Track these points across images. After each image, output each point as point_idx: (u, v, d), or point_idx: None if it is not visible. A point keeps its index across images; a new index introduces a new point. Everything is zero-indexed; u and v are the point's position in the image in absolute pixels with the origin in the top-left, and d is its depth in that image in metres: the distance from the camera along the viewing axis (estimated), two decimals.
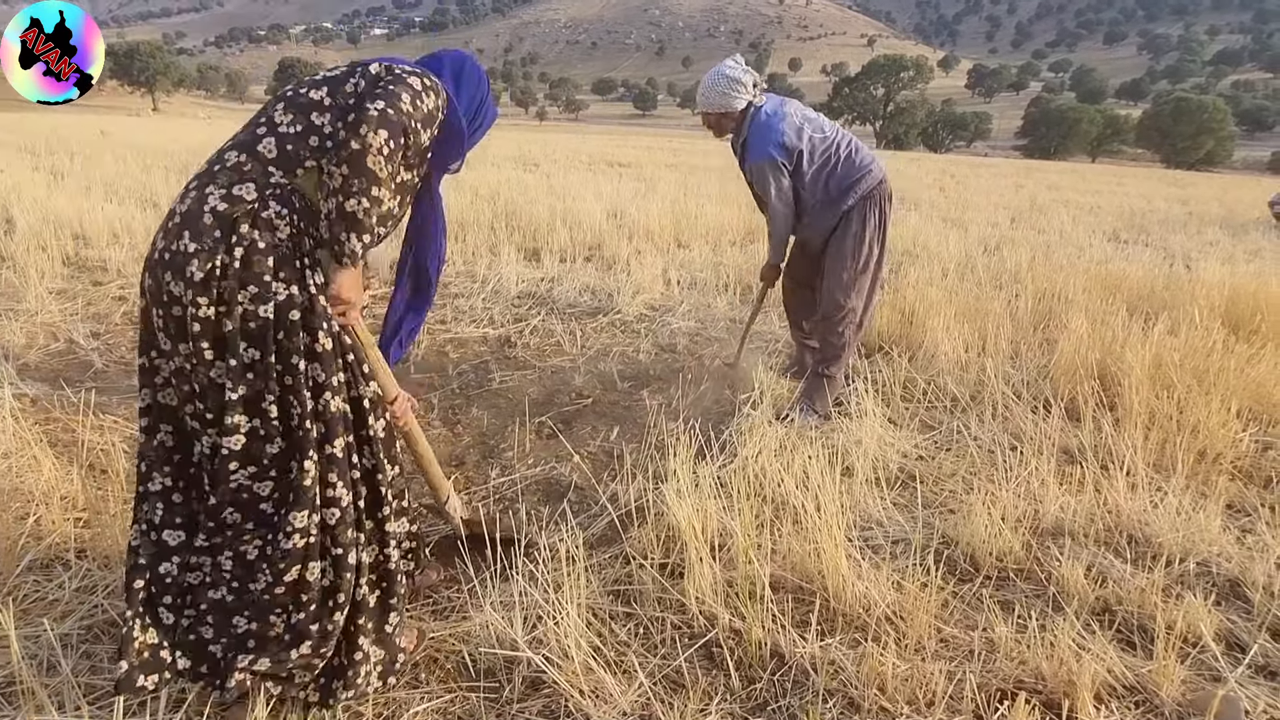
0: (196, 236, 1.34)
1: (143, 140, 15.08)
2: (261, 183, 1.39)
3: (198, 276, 1.32)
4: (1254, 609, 1.97)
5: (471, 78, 1.64)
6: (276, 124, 1.43)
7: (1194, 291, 4.63)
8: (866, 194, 3.07)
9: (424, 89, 1.45)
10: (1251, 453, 2.90)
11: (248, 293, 1.35)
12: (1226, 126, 63.36)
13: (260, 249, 1.36)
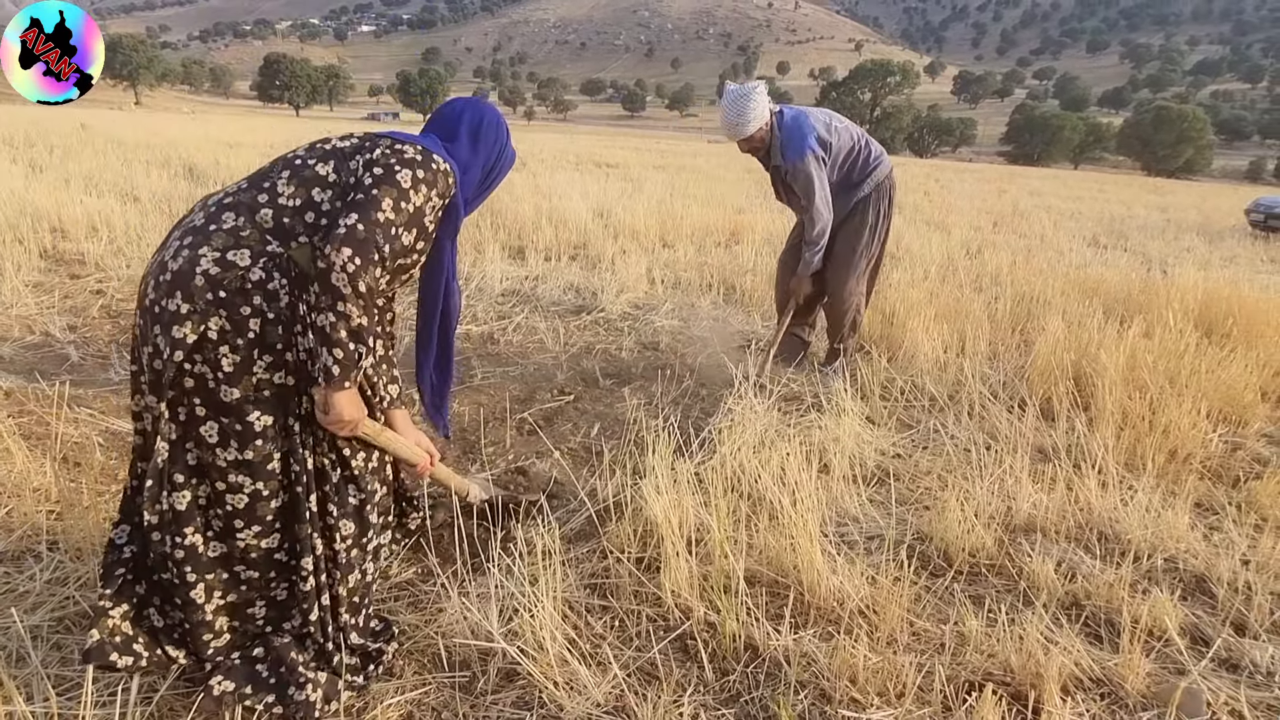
0: (189, 298, 1.34)
1: (124, 134, 14.90)
2: (257, 250, 1.38)
3: (190, 339, 1.33)
4: (1218, 604, 2.01)
5: (489, 134, 1.65)
6: (278, 194, 1.43)
7: (1169, 296, 4.70)
8: (879, 184, 3.32)
9: (414, 184, 1.44)
10: (1221, 453, 2.95)
11: (264, 360, 1.38)
12: (1205, 135, 64.40)
13: (270, 318, 1.38)
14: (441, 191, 1.51)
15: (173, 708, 1.47)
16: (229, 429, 1.38)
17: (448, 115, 1.66)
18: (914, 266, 6.12)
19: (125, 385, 3.05)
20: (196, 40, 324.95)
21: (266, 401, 1.40)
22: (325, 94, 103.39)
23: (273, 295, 1.37)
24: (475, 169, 1.62)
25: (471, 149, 1.62)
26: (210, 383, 1.36)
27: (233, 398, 1.37)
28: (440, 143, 1.59)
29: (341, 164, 1.47)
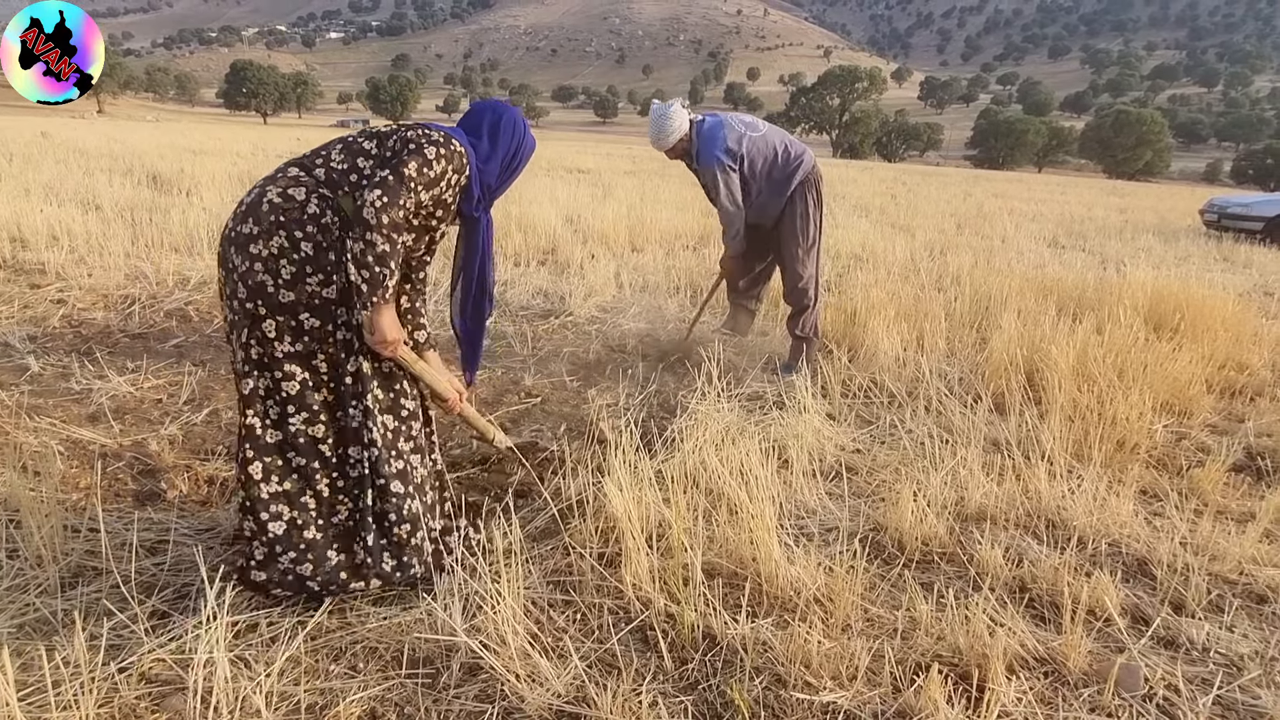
0: (257, 222, 1.69)
1: (86, 142, 14.64)
2: (311, 189, 1.73)
3: (263, 253, 1.68)
4: (1158, 584, 2.10)
5: (505, 130, 1.92)
6: (331, 159, 1.77)
7: (1121, 293, 4.85)
8: (803, 179, 3.66)
9: (437, 157, 1.75)
10: (1166, 442, 3.07)
11: (315, 278, 1.70)
12: (1164, 138, 66.09)
13: (323, 245, 1.70)
14: (457, 168, 1.80)
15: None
16: (284, 325, 1.70)
17: (472, 115, 1.96)
18: (878, 267, 6.24)
19: (85, 395, 3.02)
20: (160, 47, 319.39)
21: (315, 308, 1.72)
22: (293, 101, 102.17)
23: (325, 227, 1.71)
24: (495, 160, 1.91)
25: (491, 144, 1.91)
26: (270, 288, 1.69)
27: (288, 299, 1.70)
28: (466, 136, 1.89)
29: (382, 142, 1.80)
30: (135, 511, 2.18)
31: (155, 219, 6.36)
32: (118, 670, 1.56)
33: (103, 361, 3.37)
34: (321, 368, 1.75)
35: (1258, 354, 4.37)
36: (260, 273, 1.68)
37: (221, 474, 2.47)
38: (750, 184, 3.59)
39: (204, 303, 4.42)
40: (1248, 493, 2.76)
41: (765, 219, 3.74)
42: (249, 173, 10.50)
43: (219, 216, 6.49)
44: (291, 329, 1.71)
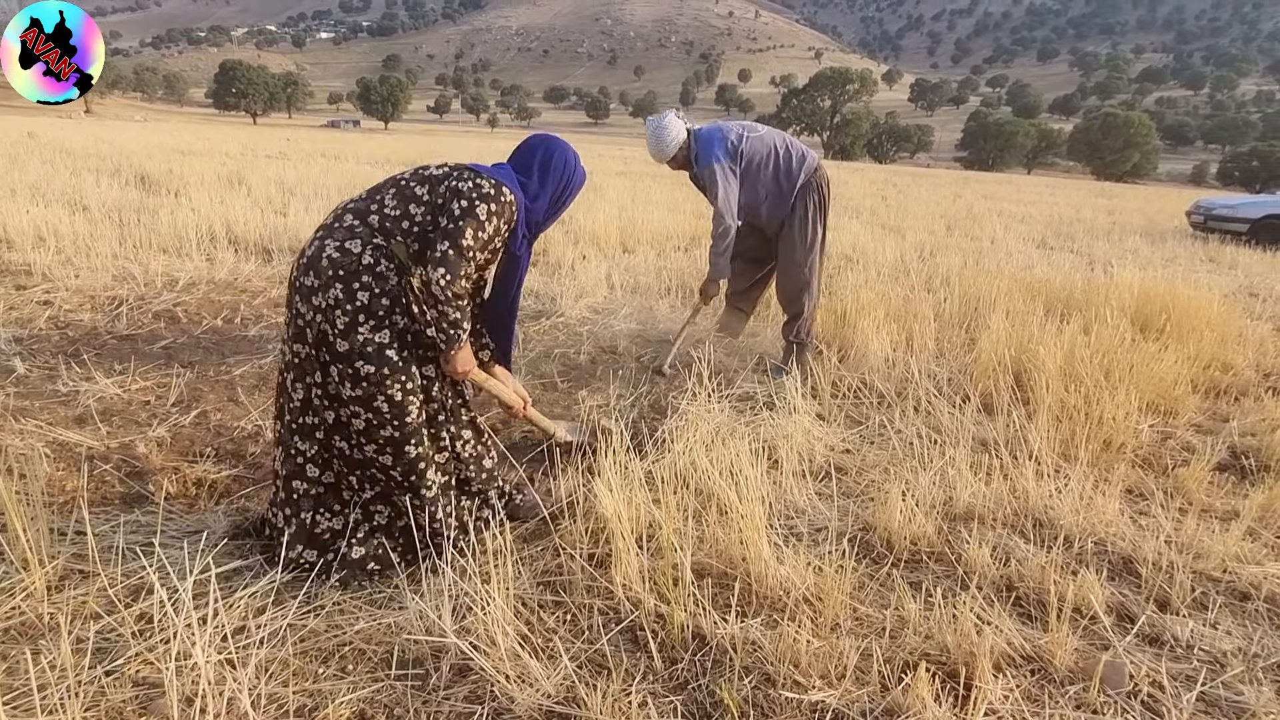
0: (318, 275, 1.83)
1: (73, 143, 14.53)
2: (366, 241, 1.85)
3: (322, 305, 1.82)
4: (1143, 583, 2.12)
5: (556, 168, 2.04)
6: (384, 205, 1.89)
7: (1108, 294, 4.89)
8: (806, 182, 3.63)
9: (489, 216, 1.86)
10: (1151, 442, 3.10)
11: (368, 325, 1.83)
12: (1151, 141, 66.58)
13: (378, 293, 1.83)
14: (507, 219, 1.93)
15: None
16: (344, 373, 1.84)
17: (524, 152, 2.06)
18: (868, 268, 6.27)
19: (72, 397, 3.00)
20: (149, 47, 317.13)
21: (368, 355, 1.83)
22: (283, 101, 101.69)
23: (380, 276, 1.84)
24: (544, 198, 2.03)
25: (541, 182, 2.02)
26: (329, 337, 1.83)
27: (343, 349, 1.82)
28: (514, 175, 2.00)
29: (434, 188, 1.90)
30: (122, 514, 2.17)
31: (143, 219, 6.32)
32: (105, 673, 1.55)
33: (90, 363, 3.34)
34: (385, 409, 1.88)
35: (1242, 354, 4.41)
36: (321, 322, 1.83)
37: (210, 476, 2.46)
38: (753, 184, 3.57)
39: (192, 304, 4.40)
40: (1232, 491, 2.79)
41: (771, 222, 3.68)
42: (238, 173, 10.45)
43: (208, 217, 6.46)
44: (350, 377, 1.85)
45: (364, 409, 1.87)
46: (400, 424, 1.89)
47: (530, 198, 1.99)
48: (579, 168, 2.09)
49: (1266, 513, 2.55)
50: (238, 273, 5.18)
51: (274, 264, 5.52)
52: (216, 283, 4.92)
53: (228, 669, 1.56)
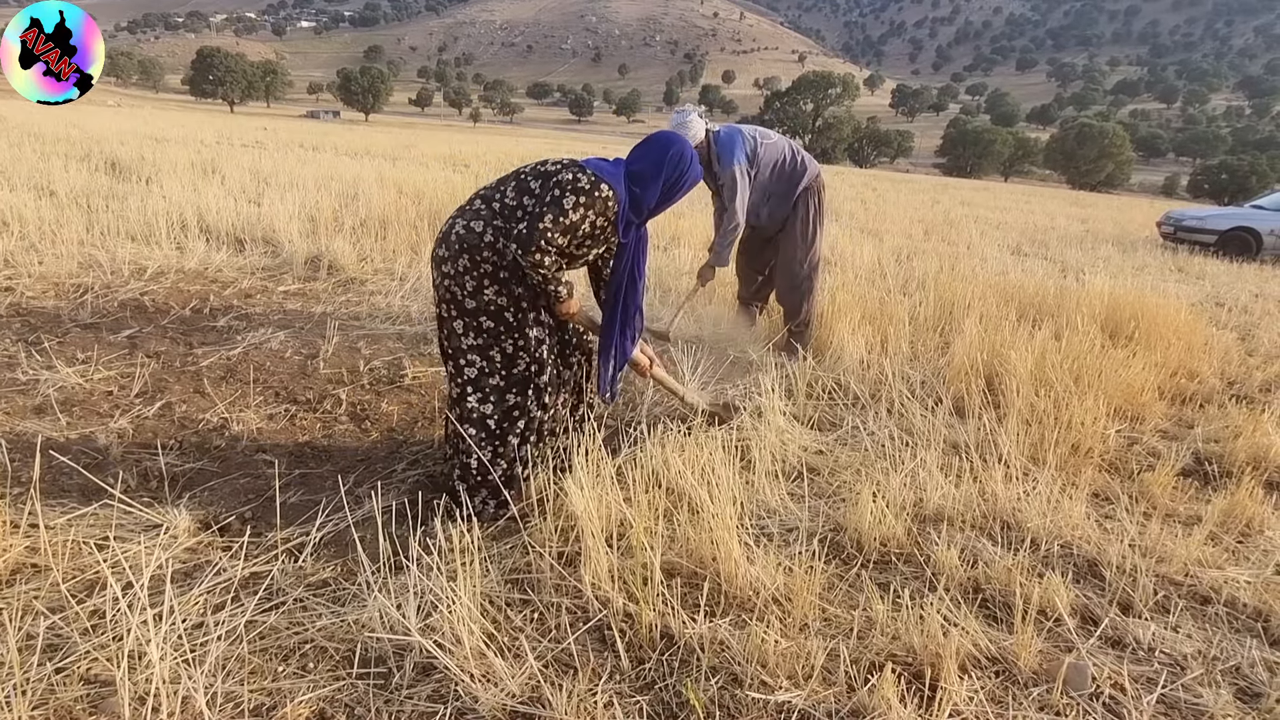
0: (448, 247, 2.19)
1: (43, 127, 14.18)
2: (488, 221, 2.18)
3: (451, 271, 2.18)
4: (1107, 586, 2.14)
5: (672, 160, 2.25)
6: (505, 194, 2.21)
7: (1079, 301, 4.96)
8: (808, 186, 3.89)
9: (575, 207, 2.10)
10: (1119, 447, 3.14)
11: (492, 289, 2.19)
12: (1125, 152, 67.74)
13: (499, 265, 2.17)
14: (600, 211, 2.15)
15: None
16: (468, 325, 2.22)
17: (643, 144, 2.31)
18: (845, 271, 6.31)
19: (31, 386, 2.92)
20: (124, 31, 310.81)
21: (492, 313, 2.20)
22: (262, 90, 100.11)
23: (499, 251, 2.17)
24: (655, 186, 2.24)
25: (654, 172, 2.24)
26: (457, 296, 2.20)
27: (471, 306, 2.20)
28: (624, 168, 2.25)
29: (545, 182, 2.18)
30: (79, 507, 2.11)
31: (112, 206, 6.17)
32: (55, 671, 1.51)
33: (51, 352, 3.26)
34: (496, 358, 2.23)
35: (1208, 362, 4.50)
36: (450, 285, 2.19)
37: (173, 469, 2.41)
38: (761, 188, 3.82)
39: (160, 293, 4.30)
40: (1195, 496, 2.83)
41: (772, 224, 3.96)
42: (213, 161, 10.26)
43: (180, 205, 6.33)
44: (473, 329, 2.22)
45: (480, 356, 2.22)
46: (507, 374, 2.25)
47: (640, 186, 2.23)
48: (695, 167, 2.30)
49: (1228, 518, 2.59)
50: (208, 262, 5.08)
51: (246, 254, 5.42)
52: (186, 272, 4.82)
53: (183, 667, 1.52)
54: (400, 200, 7.76)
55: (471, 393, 2.24)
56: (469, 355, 2.23)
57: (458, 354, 2.25)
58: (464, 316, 2.21)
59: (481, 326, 2.21)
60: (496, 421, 2.25)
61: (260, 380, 3.23)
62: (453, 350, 2.27)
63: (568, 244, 2.13)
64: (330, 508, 2.21)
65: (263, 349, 3.60)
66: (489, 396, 2.24)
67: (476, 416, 2.24)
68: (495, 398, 2.24)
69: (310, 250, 5.52)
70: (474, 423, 2.24)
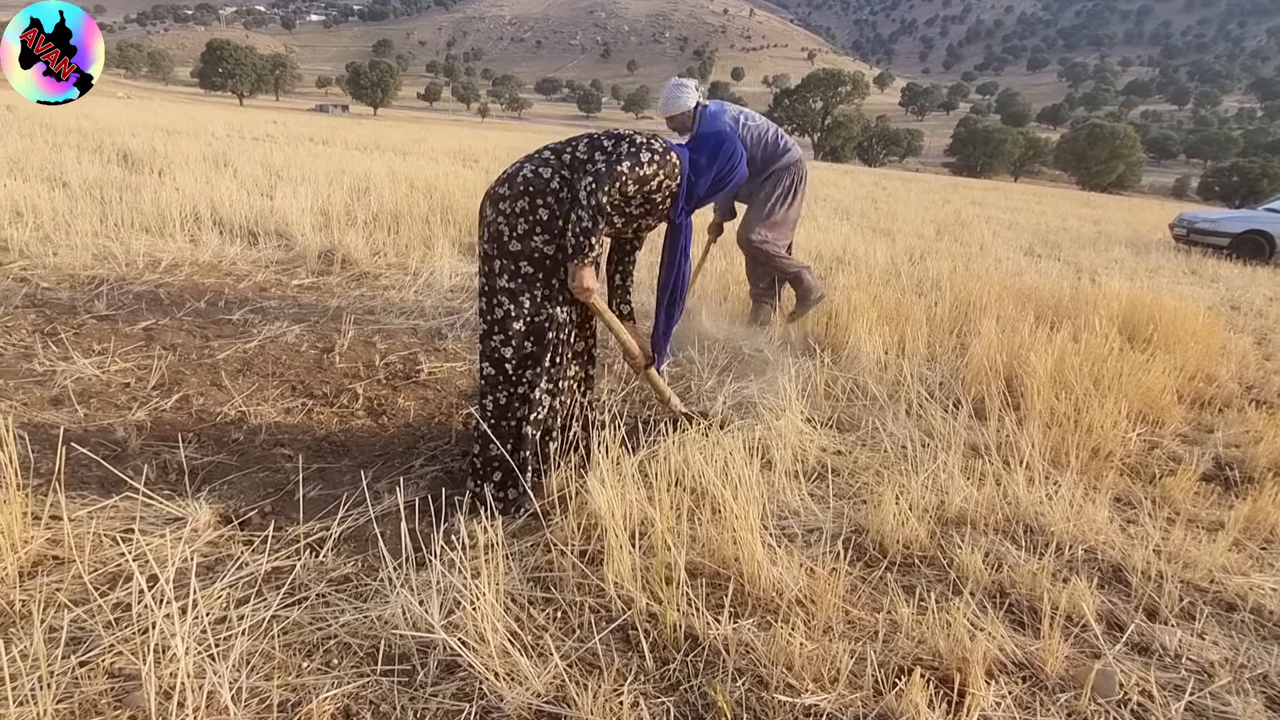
0: (512, 187, 2.23)
1: (54, 117, 14.22)
2: (556, 169, 2.23)
3: (506, 210, 2.22)
4: (1132, 591, 2.12)
5: (725, 154, 2.32)
6: (577, 149, 2.25)
7: (1096, 303, 4.92)
8: (785, 167, 4.14)
9: (649, 162, 2.17)
10: (1139, 451, 3.11)
11: (542, 237, 2.22)
12: (1136, 153, 67.37)
13: (556, 214, 2.22)
14: (669, 174, 2.23)
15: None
16: (506, 266, 2.23)
17: (701, 137, 2.37)
18: (859, 270, 6.27)
19: (49, 377, 2.93)
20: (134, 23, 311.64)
21: (534, 260, 2.23)
22: (271, 83, 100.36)
23: (561, 200, 2.21)
24: (708, 176, 2.31)
25: (709, 162, 2.31)
26: (504, 237, 2.22)
27: (515, 249, 2.22)
28: (689, 152, 2.31)
29: (618, 144, 2.22)
30: (100, 499, 2.11)
31: (125, 198, 6.18)
32: (79, 664, 1.50)
33: (67, 343, 3.26)
34: (525, 304, 2.24)
35: (1225, 366, 4.46)
36: (501, 224, 2.22)
37: (192, 462, 2.40)
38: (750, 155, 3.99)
39: (175, 285, 4.31)
40: (1217, 502, 2.80)
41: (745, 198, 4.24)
42: (224, 154, 10.28)
43: (192, 197, 6.34)
44: (510, 271, 2.24)
45: (510, 300, 2.24)
46: (531, 322, 2.27)
47: (696, 174, 2.29)
48: (743, 164, 2.38)
49: (1251, 524, 2.57)
50: (222, 255, 5.08)
51: (259, 248, 5.42)
52: (200, 265, 4.83)
53: (208, 661, 1.51)
54: (412, 195, 7.76)
55: (497, 333, 2.28)
56: (500, 296, 2.25)
57: (492, 293, 2.28)
58: (505, 258, 2.23)
59: (520, 271, 2.23)
60: (513, 367, 2.27)
61: (277, 374, 3.23)
62: (488, 289, 2.29)
63: (634, 194, 2.19)
64: (350, 502, 2.20)
65: (278, 342, 3.59)
66: (510, 340, 2.27)
67: (496, 357, 2.28)
68: (515, 342, 2.27)
69: (323, 244, 5.53)
70: (494, 363, 2.28)
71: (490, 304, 2.28)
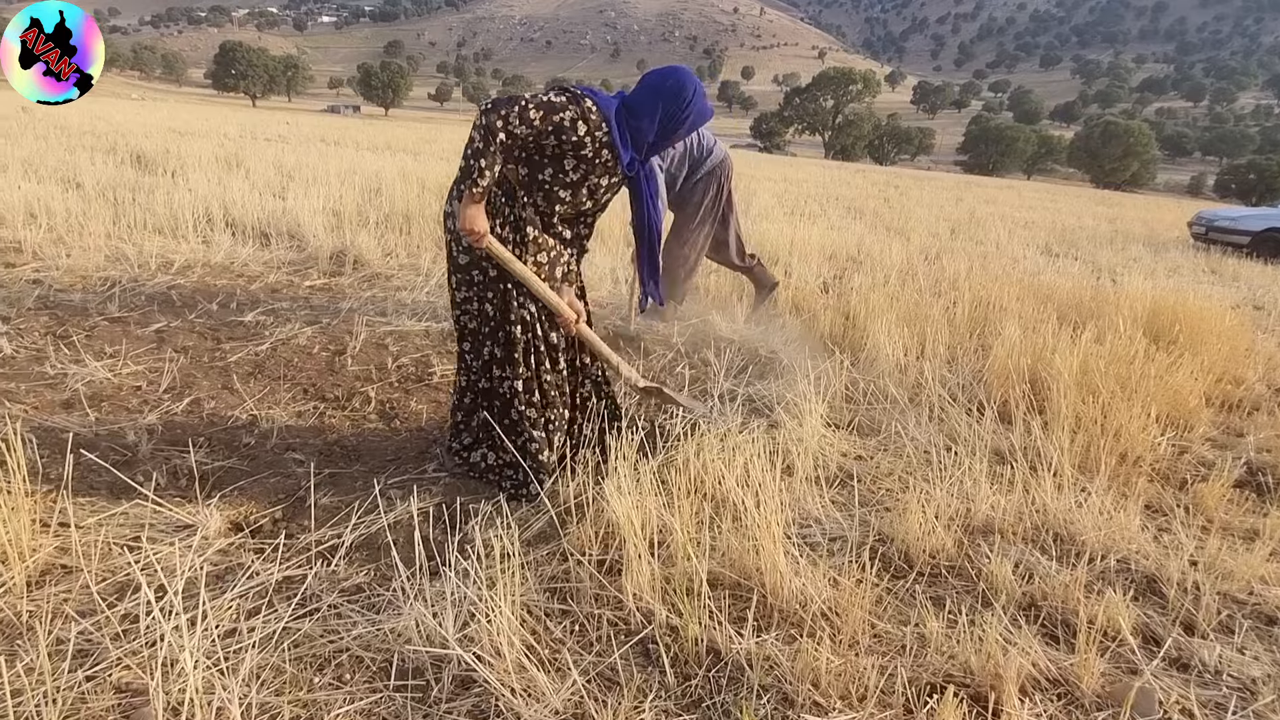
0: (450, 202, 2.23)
1: (68, 119, 14.32)
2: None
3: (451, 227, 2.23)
4: (1168, 604, 2.05)
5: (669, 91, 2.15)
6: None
7: (1119, 303, 4.83)
8: (707, 172, 4.12)
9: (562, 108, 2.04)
10: (1168, 456, 3.03)
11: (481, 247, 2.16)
12: (1150, 150, 66.68)
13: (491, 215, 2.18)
14: (585, 120, 2.06)
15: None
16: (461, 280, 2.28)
17: (648, 74, 2.24)
18: (875, 271, 6.20)
19: (60, 380, 2.90)
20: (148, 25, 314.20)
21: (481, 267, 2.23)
22: (283, 84, 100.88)
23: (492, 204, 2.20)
24: (652, 120, 2.13)
25: (651, 103, 2.13)
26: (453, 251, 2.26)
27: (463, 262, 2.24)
28: (621, 99, 2.18)
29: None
30: (110, 506, 2.07)
31: (138, 199, 6.19)
32: (85, 678, 1.46)
33: (79, 345, 3.24)
34: (489, 311, 2.25)
35: (1252, 368, 4.35)
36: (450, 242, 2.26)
37: (202, 467, 2.37)
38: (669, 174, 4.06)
39: (187, 287, 4.29)
40: (1251, 509, 2.72)
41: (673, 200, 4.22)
42: (236, 155, 10.30)
43: (205, 199, 6.34)
44: (465, 283, 2.26)
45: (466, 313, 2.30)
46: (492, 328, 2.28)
47: (636, 117, 2.14)
48: (698, 101, 2.17)
49: None
50: (234, 256, 5.06)
51: (271, 249, 5.40)
52: (212, 266, 4.81)
53: (217, 676, 1.47)
54: (423, 195, 7.73)
55: (463, 339, 2.36)
56: (463, 307, 2.31)
57: (455, 308, 2.34)
58: (458, 272, 2.27)
59: (473, 280, 2.26)
60: (479, 369, 2.34)
61: (288, 377, 3.19)
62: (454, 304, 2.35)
63: (545, 129, 2.03)
64: (362, 509, 2.16)
65: (290, 345, 3.56)
66: (476, 347, 2.34)
67: (465, 363, 2.37)
68: (477, 347, 2.33)
69: (335, 245, 5.50)
70: (463, 370, 2.38)
71: (457, 317, 2.34)
